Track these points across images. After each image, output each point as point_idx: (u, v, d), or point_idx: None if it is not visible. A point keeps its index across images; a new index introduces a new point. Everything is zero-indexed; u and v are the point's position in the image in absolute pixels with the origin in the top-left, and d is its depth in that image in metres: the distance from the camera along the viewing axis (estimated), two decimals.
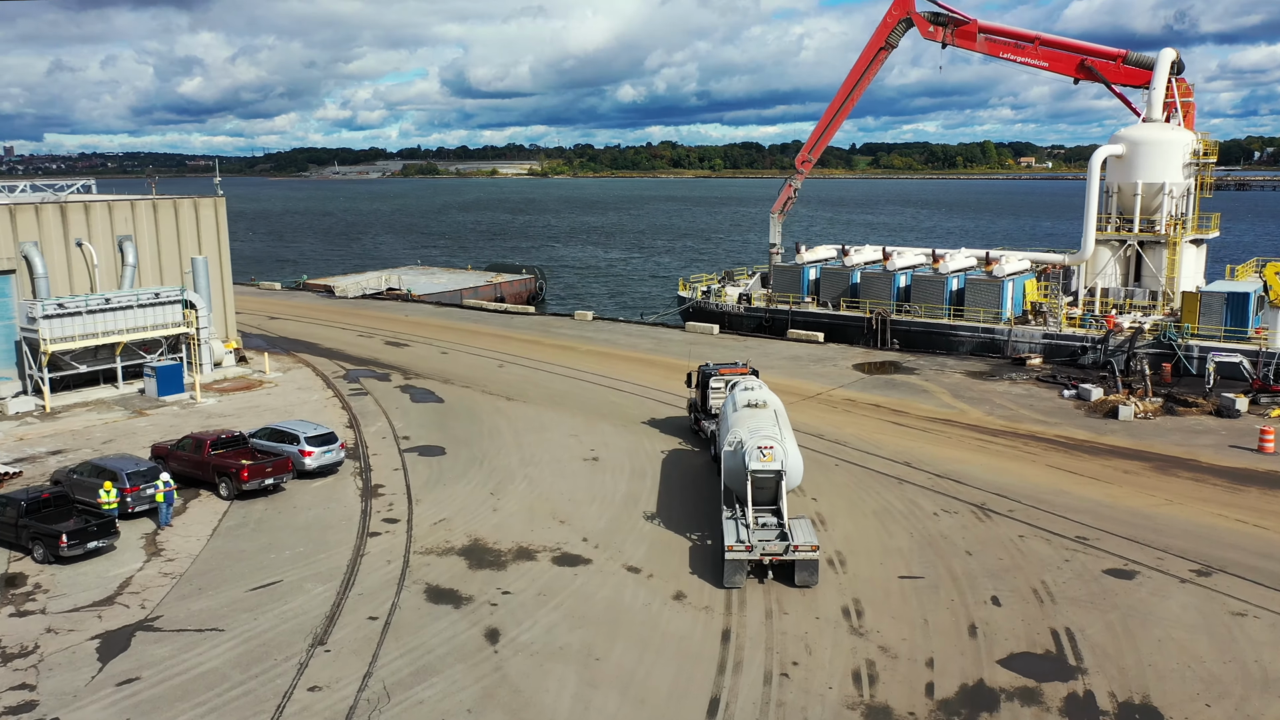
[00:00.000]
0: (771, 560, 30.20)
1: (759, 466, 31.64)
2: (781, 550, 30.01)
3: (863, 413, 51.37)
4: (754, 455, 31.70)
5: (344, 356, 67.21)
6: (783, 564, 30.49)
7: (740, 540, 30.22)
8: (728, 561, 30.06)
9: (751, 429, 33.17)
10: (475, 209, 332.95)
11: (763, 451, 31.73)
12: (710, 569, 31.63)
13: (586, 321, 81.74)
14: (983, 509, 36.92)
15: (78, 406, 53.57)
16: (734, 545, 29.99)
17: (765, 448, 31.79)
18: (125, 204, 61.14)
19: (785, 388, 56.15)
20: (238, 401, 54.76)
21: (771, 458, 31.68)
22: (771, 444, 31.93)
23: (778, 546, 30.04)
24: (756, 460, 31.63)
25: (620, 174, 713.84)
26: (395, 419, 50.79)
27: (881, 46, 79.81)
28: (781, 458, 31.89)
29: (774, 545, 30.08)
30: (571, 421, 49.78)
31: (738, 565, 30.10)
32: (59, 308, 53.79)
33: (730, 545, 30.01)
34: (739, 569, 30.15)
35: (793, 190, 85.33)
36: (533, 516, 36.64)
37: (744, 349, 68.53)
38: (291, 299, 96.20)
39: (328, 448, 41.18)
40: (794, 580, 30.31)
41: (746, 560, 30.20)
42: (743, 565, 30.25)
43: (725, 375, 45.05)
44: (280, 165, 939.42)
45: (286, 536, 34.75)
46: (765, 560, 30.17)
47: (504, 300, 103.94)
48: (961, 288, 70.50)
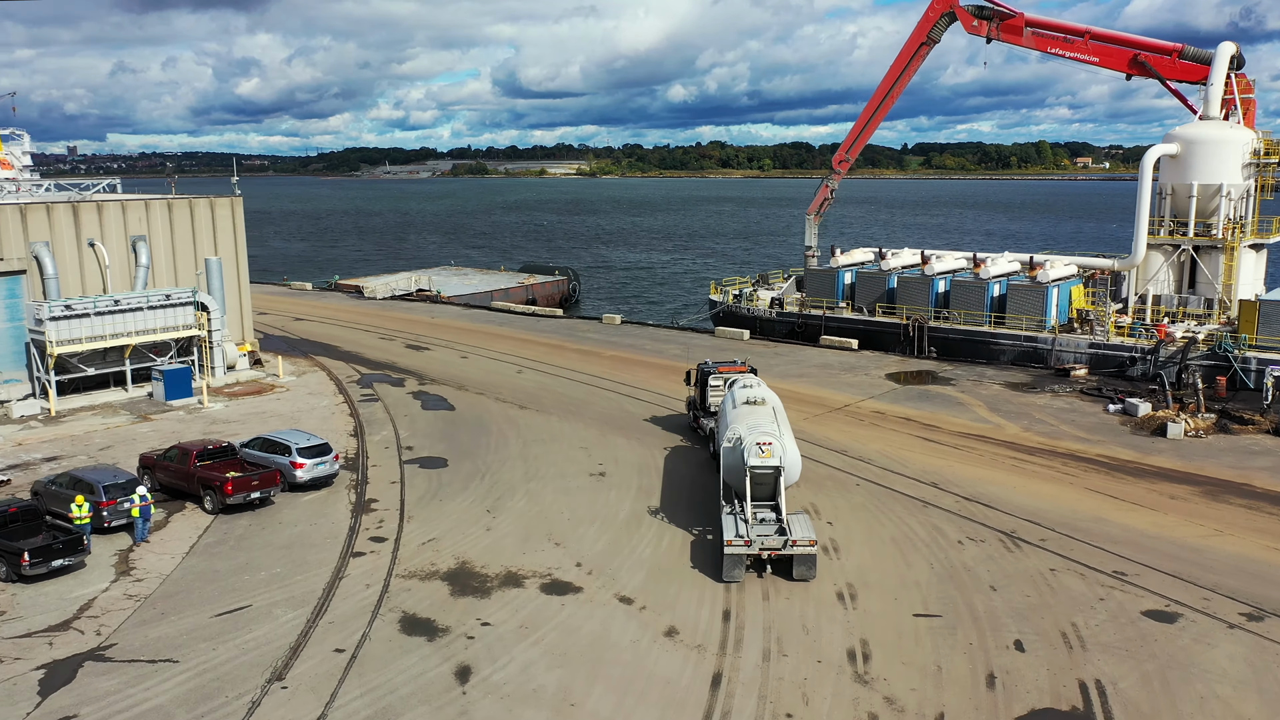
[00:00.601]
0: (770, 555, 30.60)
1: (758, 463, 31.80)
2: (780, 545, 30.39)
3: (891, 427, 48.54)
4: (753, 451, 31.84)
5: (362, 360, 65.65)
6: (781, 558, 30.87)
7: (739, 535, 30.55)
8: (727, 556, 30.36)
9: (750, 425, 33.21)
10: (520, 209, 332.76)
11: (761, 448, 31.88)
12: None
13: (614, 325, 79.54)
14: (1012, 537, 34.05)
15: (84, 410, 52.46)
16: (733, 540, 30.31)
17: (764, 444, 31.94)
18: (139, 204, 60.06)
19: (811, 398, 53.55)
20: (245, 407, 53.30)
21: (770, 454, 31.85)
22: (770, 440, 32.08)
23: (776, 541, 30.47)
24: (755, 456, 31.78)
25: (669, 174, 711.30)
26: (402, 427, 48.96)
27: (923, 42, 76.64)
28: (780, 454, 32.06)
29: (772, 540, 30.51)
30: (583, 433, 47.58)
31: (737, 560, 30.46)
32: (66, 309, 52.71)
33: (729, 540, 30.33)
34: (738, 563, 30.51)
35: (829, 191, 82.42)
36: (527, 537, 34.48)
37: (773, 356, 65.91)
38: (321, 300, 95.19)
39: (321, 459, 39.36)
40: (792, 574, 30.56)
41: (745, 555, 30.50)
42: (741, 560, 30.58)
43: (724, 373, 44.86)
44: (333, 165, 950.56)
45: (266, 555, 32.92)
46: (764, 555, 30.59)
47: (535, 302, 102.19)
48: (1003, 294, 67.20)
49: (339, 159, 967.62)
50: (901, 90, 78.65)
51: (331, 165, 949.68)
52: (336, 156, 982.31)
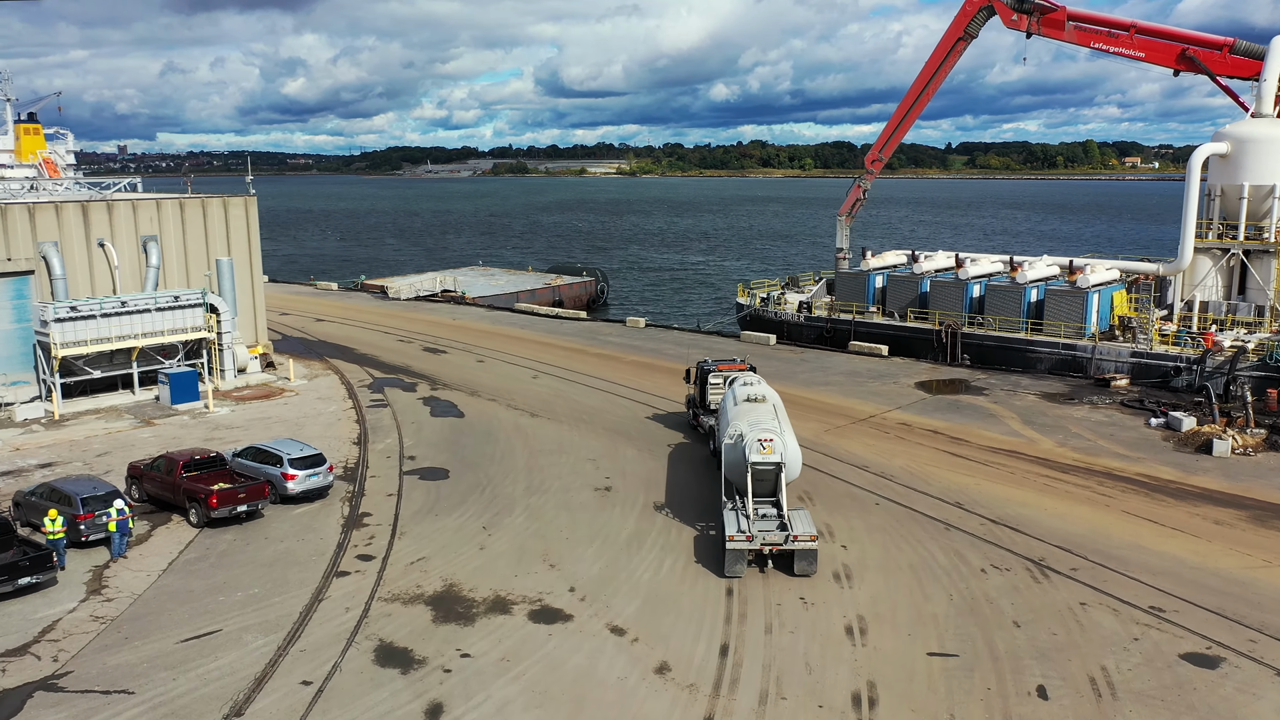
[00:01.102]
0: (771, 550, 30.79)
1: (759, 459, 32.00)
2: (781, 540, 30.58)
3: (918, 440, 46.10)
4: (754, 448, 32.06)
5: (376, 363, 64.23)
6: (782, 554, 31.11)
7: (741, 530, 30.70)
8: (729, 551, 30.57)
9: (751, 422, 33.40)
10: (559, 210, 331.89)
11: (763, 444, 32.09)
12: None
13: (637, 328, 77.56)
14: (1040, 566, 31.62)
15: (88, 414, 51.43)
16: (735, 535, 30.52)
17: (765, 440, 32.15)
18: (150, 203, 59.03)
19: (835, 409, 51.25)
20: (251, 412, 51.99)
21: (771, 450, 32.08)
22: (771, 437, 32.32)
23: (778, 536, 30.62)
24: (757, 453, 32.00)
25: (709, 173, 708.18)
26: (408, 435, 47.34)
27: (960, 37, 73.99)
28: (781, 450, 32.25)
29: (774, 535, 30.66)
30: (593, 443, 45.66)
31: (738, 555, 30.70)
32: (71, 311, 51.72)
33: (731, 535, 30.53)
34: (740, 558, 30.75)
35: (861, 192, 79.92)
36: (521, 558, 32.60)
37: (798, 362, 63.58)
38: (345, 300, 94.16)
39: (314, 471, 37.75)
40: (793, 570, 30.84)
41: (747, 550, 30.68)
42: (743, 555, 30.81)
43: (724, 371, 45.09)
44: (375, 164, 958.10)
45: (246, 574, 31.33)
46: (765, 550, 30.77)
47: (562, 303, 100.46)
48: (1041, 299, 64.37)
49: (381, 158, 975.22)
50: (937, 88, 76.01)
51: (374, 164, 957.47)
52: (379, 155, 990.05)
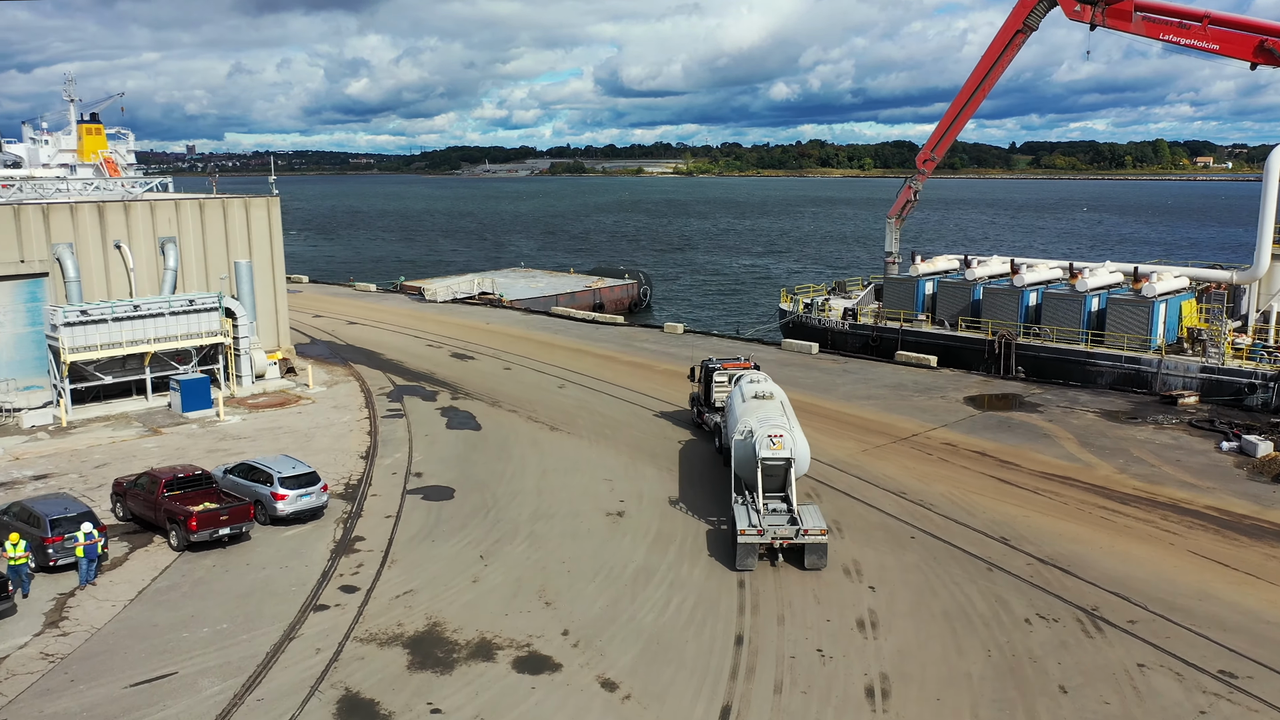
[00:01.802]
0: (782, 544, 31.03)
1: (769, 454, 32.38)
2: (792, 534, 30.85)
3: (963, 463, 42.53)
4: (764, 444, 32.44)
5: (400, 370, 62.08)
6: (793, 548, 31.40)
7: (752, 525, 30.97)
8: (740, 545, 30.89)
9: (761, 418, 33.91)
10: (614, 210, 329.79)
11: (773, 440, 32.45)
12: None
13: (675, 335, 74.55)
14: (1093, 616, 28.08)
15: (97, 421, 49.85)
16: (746, 529, 30.80)
17: (775, 436, 32.52)
18: (168, 204, 57.45)
19: (876, 425, 47.87)
20: (262, 421, 50.02)
21: (781, 446, 32.44)
22: (781, 433, 32.71)
23: (788, 530, 30.92)
24: (767, 448, 32.38)
25: (766, 173, 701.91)
26: (418, 449, 44.94)
27: (1019, 29, 69.78)
28: (790, 446, 32.60)
29: (785, 529, 30.97)
30: (611, 461, 42.83)
31: (750, 549, 30.98)
32: (81, 315, 50.19)
33: (743, 529, 30.80)
34: (751, 552, 31.04)
35: (912, 193, 76.01)
36: (516, 593, 29.87)
37: (840, 373, 60.13)
38: (381, 302, 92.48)
39: (306, 491, 35.41)
40: (804, 564, 31.13)
41: (758, 544, 30.95)
42: (754, 549, 31.09)
43: (729, 369, 45.51)
44: (434, 164, 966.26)
45: (217, 606, 29.00)
46: (776, 544, 31.04)
47: (602, 307, 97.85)
48: (1103, 308, 60.16)
49: (440, 157, 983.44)
50: (994, 83, 71.83)
51: (433, 164, 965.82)
52: (438, 155, 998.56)
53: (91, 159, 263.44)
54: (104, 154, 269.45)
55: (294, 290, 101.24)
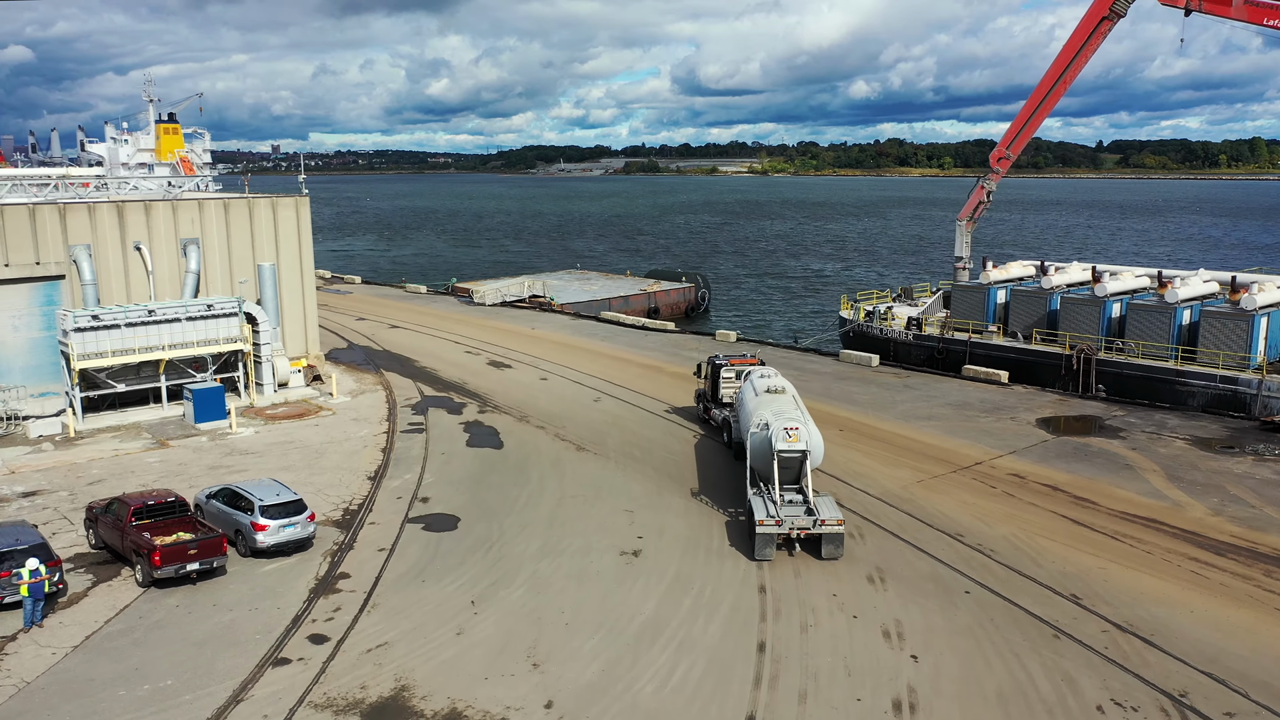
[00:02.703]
0: (799, 534, 31.58)
1: (785, 447, 32.64)
2: (810, 524, 31.37)
3: (1031, 499, 37.71)
4: (780, 436, 32.68)
5: (432, 379, 59.00)
6: (810, 538, 31.96)
7: (770, 515, 31.46)
8: (758, 535, 31.39)
9: (776, 412, 34.30)
10: (687, 211, 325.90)
11: (789, 433, 32.70)
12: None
13: (727, 343, 70.30)
14: (1181, 705, 23.35)
15: (106, 431, 47.57)
16: (764, 520, 31.31)
17: (791, 429, 32.81)
18: (191, 204, 55.15)
19: (934, 451, 43.23)
20: (276, 434, 47.23)
21: (797, 438, 32.69)
22: (797, 426, 33.01)
23: (805, 521, 31.46)
24: (783, 441, 32.62)
25: (843, 172, 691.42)
26: (431, 470, 41.61)
27: (1105, 16, 64.17)
28: (806, 438, 32.87)
29: (802, 520, 31.50)
30: (636, 488, 38.93)
31: (768, 539, 31.49)
32: (92, 320, 47.98)
33: (761, 520, 31.30)
34: (769, 542, 31.56)
35: (985, 193, 70.73)
36: (503, 650, 26.17)
37: (901, 389, 55.38)
38: (427, 305, 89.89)
39: (290, 521, 32.18)
40: (821, 554, 31.63)
41: (776, 534, 31.47)
42: (773, 539, 31.60)
43: (736, 365, 45.92)
44: (510, 163, 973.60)
45: (168, 657, 25.82)
46: (794, 534, 31.59)
47: (657, 311, 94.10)
48: (1195, 321, 54.47)
49: (516, 157, 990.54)
50: (1075, 76, 66.26)
51: (510, 163, 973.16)
52: (514, 154, 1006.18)
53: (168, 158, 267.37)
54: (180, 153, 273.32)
55: (344, 291, 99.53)
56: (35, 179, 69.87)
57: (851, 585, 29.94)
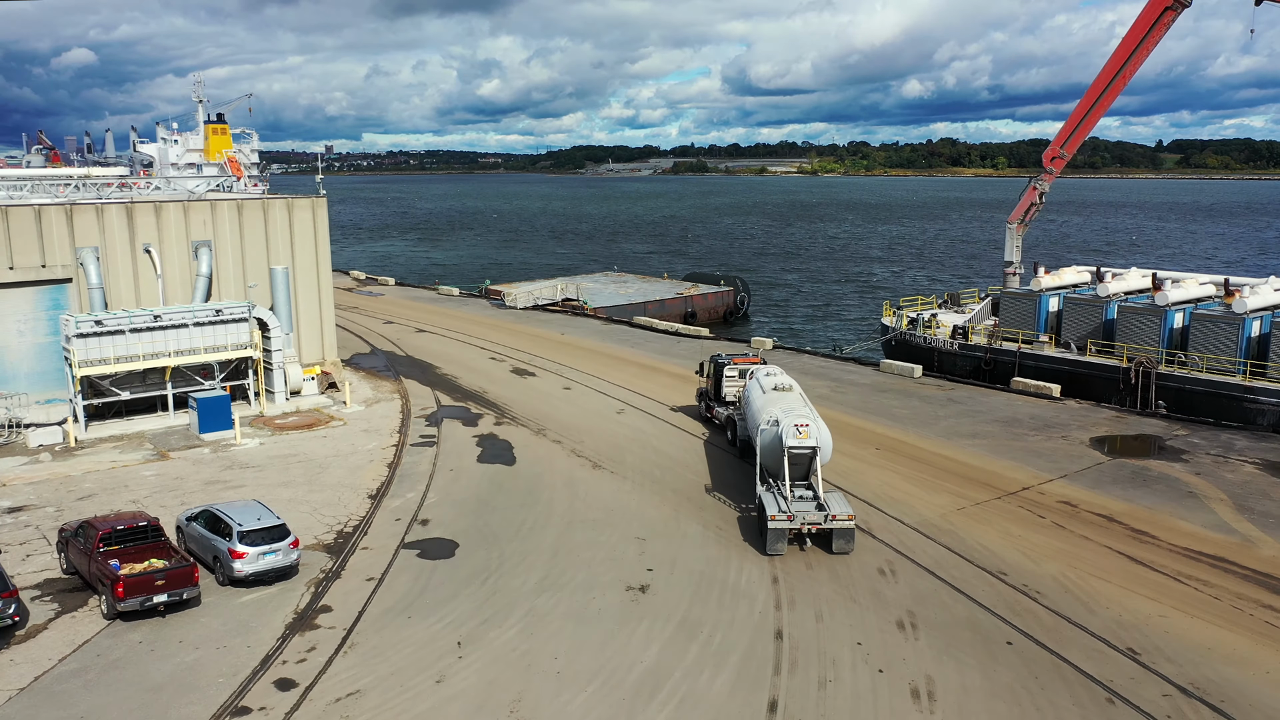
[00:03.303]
0: (811, 529, 31.76)
1: (796, 443, 32.97)
2: (821, 520, 31.62)
3: (1083, 531, 34.34)
4: (790, 433, 32.98)
5: (451, 387, 56.71)
6: (821, 533, 32.21)
7: (781, 510, 31.69)
8: (770, 530, 31.62)
9: (785, 409, 34.56)
10: (735, 212, 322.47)
11: (799, 429, 33.02)
12: None
13: (763, 350, 67.14)
14: None
15: (107, 441, 45.81)
16: (776, 515, 31.57)
17: (802, 425, 33.12)
18: (203, 205, 53.37)
19: (976, 474, 39.99)
20: (280, 446, 45.16)
21: (808, 435, 33.03)
22: (808, 422, 33.32)
23: (817, 516, 31.68)
24: (793, 437, 32.93)
25: (894, 172, 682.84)
26: (437, 489, 39.19)
27: (1168, 6, 60.28)
28: (816, 435, 33.23)
29: (813, 515, 31.73)
30: (652, 513, 36.17)
31: (780, 534, 31.65)
32: (95, 325, 46.27)
33: (773, 515, 31.57)
34: (781, 537, 31.70)
35: (1037, 194, 67.10)
36: (484, 703, 23.55)
37: (944, 403, 52.02)
38: (460, 308, 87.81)
39: (270, 548, 29.87)
40: (831, 548, 31.89)
41: (788, 529, 31.59)
42: (784, 534, 31.73)
43: (739, 364, 46.10)
44: (559, 163, 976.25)
45: (120, 703, 23.55)
46: (805, 529, 31.74)
47: (695, 315, 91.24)
48: (1266, 333, 50.49)
49: (565, 157, 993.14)
50: (1134, 71, 62.45)
51: (559, 163, 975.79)
52: (564, 154, 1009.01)
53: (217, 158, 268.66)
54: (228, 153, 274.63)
55: (377, 293, 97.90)
56: (57, 179, 68.74)
57: (879, 631, 26.92)
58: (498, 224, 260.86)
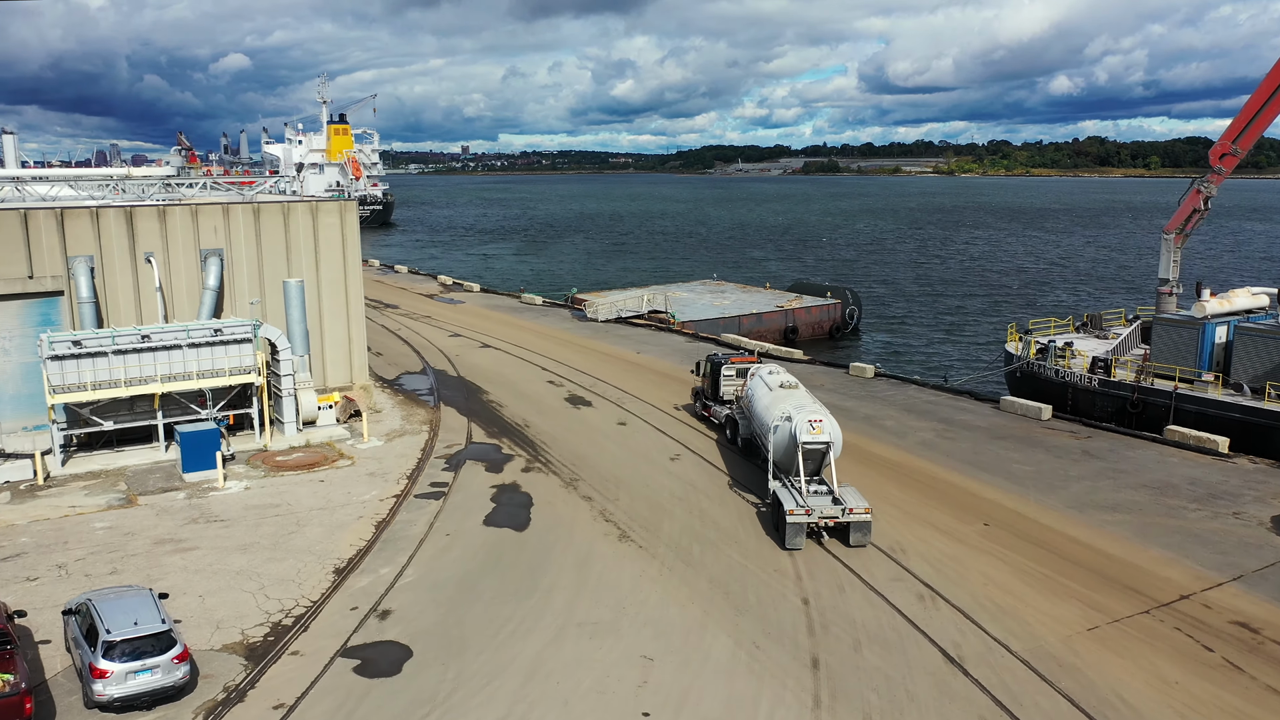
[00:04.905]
0: (828, 523, 32.10)
1: (809, 439, 33.26)
2: (838, 513, 31.95)
3: (1270, 678, 24.41)
4: (804, 429, 33.35)
5: (491, 418, 49.44)
6: (838, 526, 32.34)
7: (799, 505, 31.88)
8: (789, 524, 31.68)
9: (796, 405, 34.83)
10: (870, 216, 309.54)
11: (813, 425, 33.35)
12: None
13: (862, 379, 57.87)
14: None
15: (82, 479, 40.05)
16: (794, 510, 31.69)
17: (815, 421, 33.45)
18: (215, 209, 47.46)
19: (1115, 569, 30.37)
20: (269, 491, 38.55)
21: (821, 430, 33.34)
22: (821, 418, 33.63)
23: (834, 510, 31.98)
24: (807, 433, 33.27)
25: (1036, 172, 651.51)
26: (418, 563, 31.74)
27: None
28: (829, 430, 33.43)
29: (830, 509, 32.01)
30: (673, 615, 27.82)
31: (799, 528, 31.75)
32: (73, 346, 40.63)
33: (791, 510, 31.69)
34: (800, 530, 31.80)
35: (1202, 199, 55.77)
36: None
37: (1077, 458, 42.05)
38: (536, 319, 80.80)
39: (146, 664, 22.76)
40: (849, 541, 32.05)
41: (806, 523, 31.74)
42: (803, 527, 31.81)
43: (736, 364, 46.13)
44: (689, 163, 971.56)
45: None
46: (822, 523, 32.08)
47: (795, 331, 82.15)
48: None
49: (695, 157, 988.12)
50: None
51: (688, 163, 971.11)
52: (693, 154, 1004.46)
53: (338, 159, 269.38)
54: (349, 154, 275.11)
55: (457, 301, 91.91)
56: (96, 179, 64.66)
57: None
58: (612, 227, 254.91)
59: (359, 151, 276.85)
